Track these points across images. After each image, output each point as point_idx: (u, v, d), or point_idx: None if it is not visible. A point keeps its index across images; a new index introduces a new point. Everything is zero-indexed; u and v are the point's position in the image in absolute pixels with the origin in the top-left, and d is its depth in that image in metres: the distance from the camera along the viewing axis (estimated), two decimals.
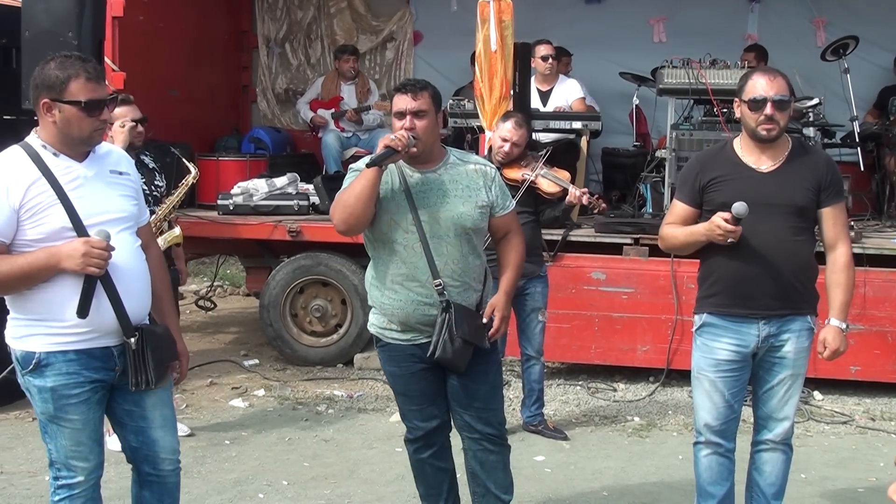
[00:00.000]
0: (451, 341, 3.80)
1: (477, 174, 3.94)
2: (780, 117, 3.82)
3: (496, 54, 6.71)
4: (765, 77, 3.85)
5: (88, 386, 3.31)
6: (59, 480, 3.40)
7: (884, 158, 8.27)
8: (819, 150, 4.05)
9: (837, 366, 6.66)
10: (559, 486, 5.20)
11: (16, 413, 6.24)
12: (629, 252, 6.96)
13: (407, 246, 3.83)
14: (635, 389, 6.96)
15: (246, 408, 6.57)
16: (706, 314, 3.99)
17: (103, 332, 3.30)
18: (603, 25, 9.44)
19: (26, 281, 3.20)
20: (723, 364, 3.94)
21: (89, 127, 3.26)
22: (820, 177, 3.91)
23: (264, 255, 7.97)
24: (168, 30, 8.50)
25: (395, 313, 3.90)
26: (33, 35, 5.97)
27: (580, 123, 7.93)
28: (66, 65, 3.25)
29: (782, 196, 3.86)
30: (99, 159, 3.38)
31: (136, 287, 3.37)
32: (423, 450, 4.13)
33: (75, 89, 3.23)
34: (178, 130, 8.23)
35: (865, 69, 8.90)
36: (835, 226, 3.96)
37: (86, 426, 3.34)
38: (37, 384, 3.31)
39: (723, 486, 4.07)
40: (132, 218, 3.43)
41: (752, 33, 9.44)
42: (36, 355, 3.28)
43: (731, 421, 4.02)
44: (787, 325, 3.92)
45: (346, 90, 9.14)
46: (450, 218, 3.83)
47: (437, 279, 3.81)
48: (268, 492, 5.09)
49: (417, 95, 3.80)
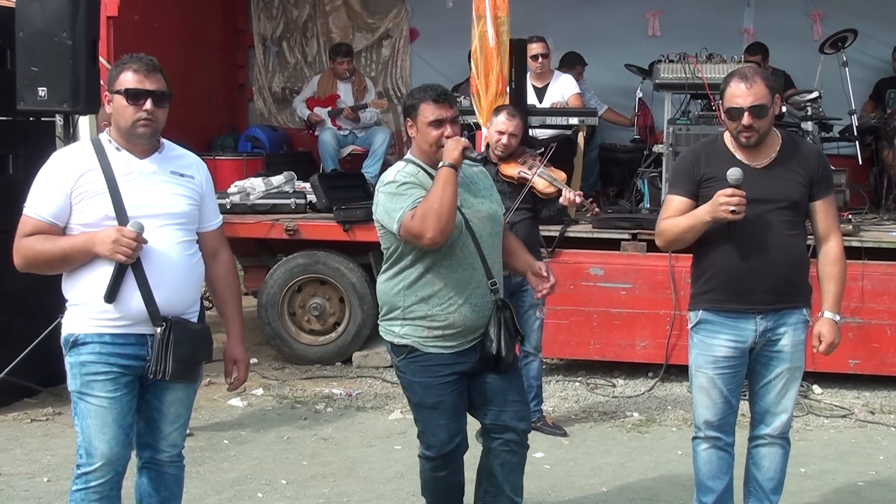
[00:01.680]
0: (511, 338, 3.85)
1: (483, 176, 4.06)
2: (760, 124, 3.78)
3: (492, 50, 6.70)
4: (743, 83, 3.79)
5: (117, 368, 3.43)
6: (80, 468, 3.48)
7: (882, 152, 8.27)
8: (809, 143, 4.04)
9: (836, 359, 6.65)
10: (558, 483, 5.20)
11: (13, 415, 6.23)
12: (627, 247, 6.95)
13: (463, 248, 3.81)
14: (634, 385, 6.96)
15: (244, 407, 6.57)
16: (702, 311, 3.97)
17: (133, 320, 3.43)
18: (599, 20, 9.43)
19: (66, 261, 3.41)
20: (721, 361, 3.94)
21: (131, 115, 3.42)
22: (812, 170, 3.91)
23: (262, 253, 7.96)
24: (163, 29, 8.48)
25: (451, 319, 3.81)
26: (27, 35, 5.94)
27: (577, 119, 7.92)
28: (123, 61, 3.51)
29: (777, 191, 3.85)
30: (164, 160, 3.56)
31: (169, 279, 3.46)
32: (441, 469, 4.02)
33: (123, 80, 3.45)
34: (175, 130, 8.10)
35: (862, 62, 8.90)
36: (826, 218, 3.96)
37: (112, 406, 3.42)
38: (70, 360, 3.47)
39: (722, 480, 4.06)
40: (184, 216, 3.54)
41: (748, 27, 9.43)
42: (74, 335, 3.45)
43: (730, 415, 4.02)
44: (784, 318, 3.91)
45: (343, 88, 9.14)
46: (488, 216, 3.90)
47: (491, 279, 3.85)
48: (267, 491, 5.09)
49: (453, 104, 3.85)
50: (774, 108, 3.86)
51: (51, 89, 5.94)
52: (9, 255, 3.47)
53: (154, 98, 3.45)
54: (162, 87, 3.50)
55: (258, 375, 7.28)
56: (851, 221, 6.87)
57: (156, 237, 3.42)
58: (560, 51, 8.92)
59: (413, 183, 3.79)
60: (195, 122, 9.15)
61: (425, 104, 3.81)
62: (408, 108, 3.88)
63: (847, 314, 6.65)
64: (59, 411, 6.21)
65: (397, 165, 3.93)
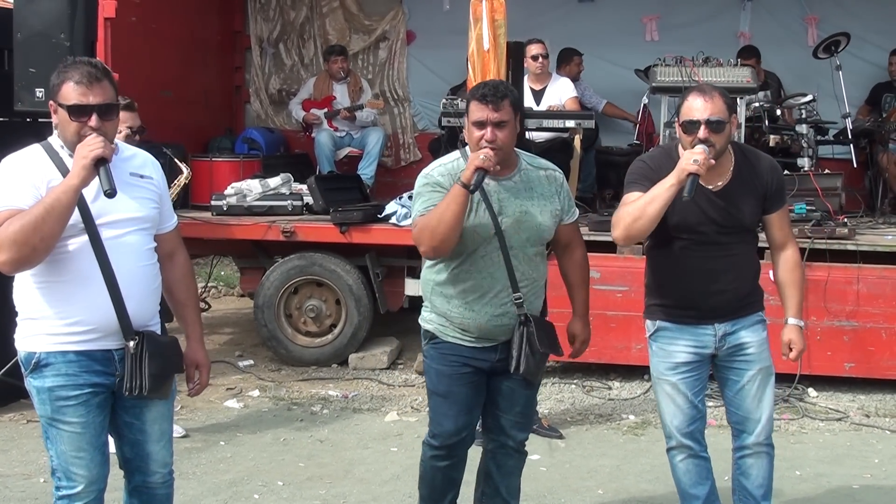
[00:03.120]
0: (532, 355, 3.76)
1: (548, 180, 3.86)
2: (717, 139, 3.70)
3: (489, 53, 6.70)
4: (701, 97, 3.73)
5: (88, 389, 3.27)
6: (60, 490, 3.35)
7: (876, 155, 8.30)
8: (762, 156, 3.97)
9: (831, 362, 6.71)
10: (554, 485, 5.20)
11: (10, 415, 6.23)
12: (623, 250, 6.96)
13: (486, 257, 3.73)
14: (630, 387, 6.97)
15: (241, 408, 6.57)
16: (659, 320, 3.97)
17: (104, 333, 3.26)
18: (596, 23, 9.45)
19: (51, 216, 3.06)
20: (682, 366, 3.93)
21: (74, 131, 3.20)
22: (766, 186, 3.88)
23: (258, 255, 7.96)
24: (160, 31, 8.49)
25: (466, 324, 3.80)
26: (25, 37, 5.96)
27: (573, 122, 7.93)
28: (66, 69, 3.26)
29: (731, 217, 3.83)
30: (120, 162, 3.32)
31: (139, 290, 3.31)
32: (442, 459, 3.98)
33: (65, 93, 3.22)
34: (172, 131, 8.21)
35: (857, 66, 8.92)
36: (781, 228, 3.97)
37: (86, 430, 3.28)
38: (36, 385, 3.28)
39: (704, 486, 4.06)
40: (148, 220, 3.38)
41: (744, 31, 9.46)
42: (36, 355, 3.26)
43: (699, 420, 4.02)
44: (741, 321, 3.92)
45: (339, 89, 9.14)
46: (529, 228, 3.75)
47: (516, 292, 3.74)
48: (263, 492, 5.09)
49: (499, 105, 3.63)
50: (731, 127, 3.78)
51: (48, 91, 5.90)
52: None
53: (100, 112, 3.20)
54: (108, 99, 3.24)
55: (254, 377, 7.28)
56: (847, 225, 6.89)
57: (123, 245, 3.26)
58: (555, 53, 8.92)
59: (436, 184, 3.73)
60: (192, 124, 9.15)
61: (473, 102, 3.69)
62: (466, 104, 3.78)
63: (842, 318, 6.70)
64: None
65: (446, 157, 3.86)
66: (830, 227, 6.79)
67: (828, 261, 6.74)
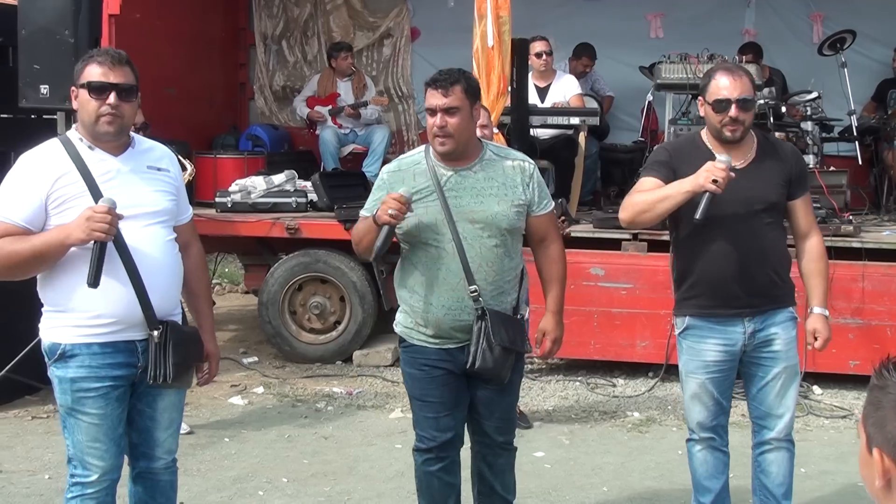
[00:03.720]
0: (490, 350, 3.63)
1: (514, 170, 3.74)
2: (745, 117, 3.75)
3: (493, 50, 6.70)
4: (728, 77, 3.76)
5: (108, 381, 3.32)
6: (74, 478, 3.41)
7: (882, 152, 8.27)
8: (784, 143, 4.01)
9: (837, 360, 6.69)
10: (559, 482, 5.20)
11: (15, 412, 6.24)
12: (628, 247, 6.95)
13: (440, 248, 3.65)
14: (634, 385, 6.96)
15: (245, 405, 6.57)
16: (689, 317, 3.94)
17: (128, 325, 3.32)
18: (600, 21, 9.43)
19: (38, 259, 3.20)
20: (711, 365, 3.91)
21: (94, 110, 3.26)
22: (789, 170, 3.89)
23: (263, 252, 7.97)
24: (165, 27, 8.50)
25: (426, 317, 3.72)
26: (30, 33, 5.97)
27: (578, 119, 7.92)
28: (89, 54, 3.36)
29: (756, 193, 3.82)
30: (137, 154, 3.41)
31: (162, 282, 3.37)
32: (432, 462, 3.89)
33: (87, 73, 3.29)
34: (176, 128, 8.22)
35: (863, 64, 8.90)
36: (805, 216, 3.96)
37: (103, 421, 3.34)
38: (58, 374, 3.33)
39: (719, 480, 4.05)
40: (166, 213, 3.43)
41: (749, 28, 9.44)
42: (61, 346, 3.31)
43: (722, 416, 4.01)
44: (771, 318, 3.89)
45: (343, 86, 9.13)
46: (484, 218, 3.64)
47: (472, 285, 3.61)
48: (267, 489, 5.09)
49: (448, 91, 3.57)
50: (755, 108, 3.85)
51: (52, 87, 5.97)
52: None
53: (118, 91, 3.26)
54: (128, 81, 3.31)
55: (259, 374, 7.29)
56: (852, 222, 6.88)
57: (144, 237, 3.31)
58: (560, 52, 8.91)
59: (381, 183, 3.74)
60: (196, 121, 9.16)
61: (427, 90, 3.65)
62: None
63: (847, 315, 6.68)
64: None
65: (412, 150, 3.86)
66: (836, 225, 6.78)
67: (833, 258, 6.70)
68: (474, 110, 3.68)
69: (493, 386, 3.81)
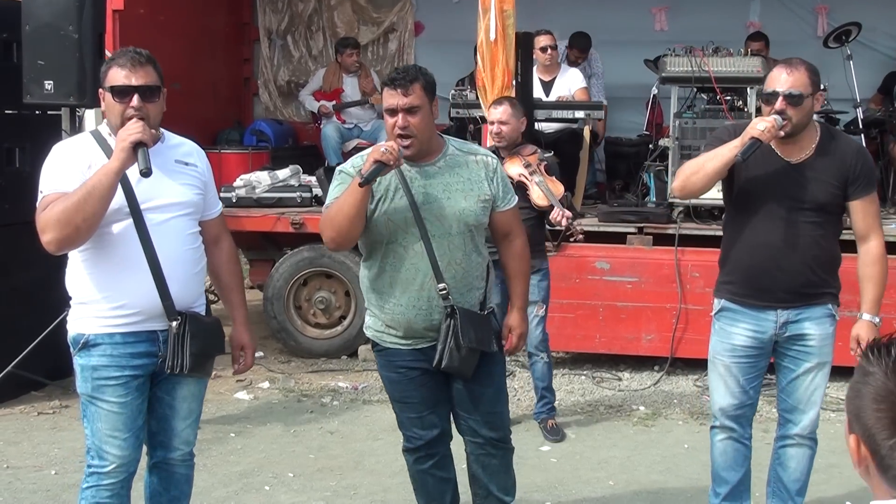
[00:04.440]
0: (457, 349, 3.59)
1: (478, 165, 3.69)
2: (793, 113, 3.66)
3: (497, 44, 6.68)
4: (785, 70, 3.71)
5: (129, 370, 3.39)
6: (91, 468, 3.46)
7: (888, 145, 8.25)
8: (850, 139, 3.91)
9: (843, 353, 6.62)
10: (565, 476, 5.19)
11: (21, 408, 6.24)
12: (633, 241, 6.95)
13: (407, 247, 3.58)
14: (640, 378, 6.95)
15: (251, 400, 6.57)
16: (724, 300, 3.94)
17: (149, 315, 3.38)
18: (605, 14, 9.41)
19: (95, 195, 3.18)
20: (739, 350, 3.90)
21: (119, 113, 3.33)
22: (848, 170, 3.79)
23: (267, 247, 7.97)
24: (169, 23, 8.48)
25: (396, 319, 3.67)
26: (34, 29, 5.94)
27: (583, 113, 7.91)
28: (113, 57, 3.44)
29: (806, 192, 3.76)
30: (165, 149, 3.48)
31: (182, 273, 3.43)
32: (423, 460, 3.90)
33: (111, 76, 3.36)
34: (180, 123, 8.08)
35: (868, 56, 8.88)
36: (865, 218, 3.86)
37: (123, 410, 3.39)
38: (81, 363, 3.42)
39: (737, 472, 4.03)
40: (191, 206, 3.49)
41: (753, 21, 9.42)
42: (85, 336, 3.40)
43: (747, 407, 3.98)
44: (806, 311, 3.87)
45: (349, 81, 9.12)
46: (452, 214, 3.59)
47: (440, 283, 3.57)
48: (273, 484, 5.09)
49: (408, 90, 3.47)
50: (815, 102, 3.74)
51: (57, 83, 5.94)
52: (15, 249, 3.46)
53: (141, 93, 3.33)
54: (152, 81, 3.37)
55: (264, 369, 7.29)
56: None
57: (166, 229, 3.38)
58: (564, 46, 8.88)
59: (341, 173, 3.63)
60: (200, 116, 9.14)
61: (385, 90, 3.54)
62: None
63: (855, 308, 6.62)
64: (66, 404, 6.22)
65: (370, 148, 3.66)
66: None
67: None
68: (433, 107, 3.60)
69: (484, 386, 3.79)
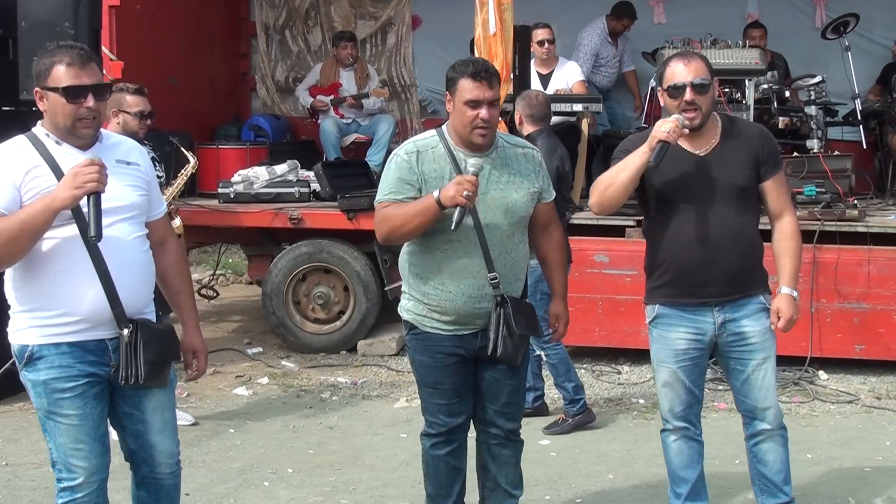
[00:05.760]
0: (510, 337, 3.68)
1: (526, 158, 3.81)
2: (702, 101, 3.73)
3: (495, 37, 6.67)
4: (682, 62, 3.76)
5: (83, 379, 3.24)
6: (62, 483, 3.32)
7: (886, 136, 8.24)
8: (750, 123, 3.98)
9: (842, 345, 6.69)
10: (565, 470, 5.19)
11: (20, 405, 6.24)
12: (632, 234, 6.94)
13: (462, 235, 3.65)
14: (640, 372, 6.95)
15: (250, 396, 6.57)
16: (658, 305, 3.94)
17: (96, 322, 3.23)
18: (603, 6, 9.37)
19: (26, 231, 3.07)
20: (681, 354, 3.90)
21: (71, 114, 3.19)
22: (756, 151, 3.85)
23: (266, 242, 7.96)
24: (166, 18, 8.47)
25: (443, 306, 3.73)
26: (30, 25, 5.95)
27: (581, 106, 7.89)
28: (52, 53, 3.23)
29: (722, 178, 3.80)
30: (105, 149, 3.31)
31: (131, 279, 3.28)
32: (441, 446, 3.92)
33: (57, 76, 3.19)
34: (178, 119, 8.21)
35: (866, 47, 8.86)
36: (778, 197, 3.91)
37: (83, 422, 3.25)
38: (31, 378, 3.26)
39: (695, 470, 4.04)
40: (136, 208, 3.34)
41: (752, 13, 9.38)
42: (29, 348, 3.23)
43: (695, 405, 4.00)
44: (742, 308, 3.87)
45: (345, 76, 9.10)
46: (504, 206, 3.69)
47: (492, 272, 3.66)
48: (273, 479, 5.09)
49: (493, 84, 3.62)
50: (714, 89, 3.81)
51: None
52: None
53: (94, 92, 3.20)
54: (100, 79, 3.26)
55: (263, 365, 7.29)
56: (857, 207, 6.85)
57: (112, 234, 3.20)
58: (564, 39, 8.86)
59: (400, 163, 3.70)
60: (198, 112, 9.14)
61: (464, 80, 3.62)
62: (448, 80, 3.70)
63: (853, 300, 6.67)
64: None
65: (422, 133, 3.84)
66: (840, 209, 6.76)
67: (838, 243, 6.71)
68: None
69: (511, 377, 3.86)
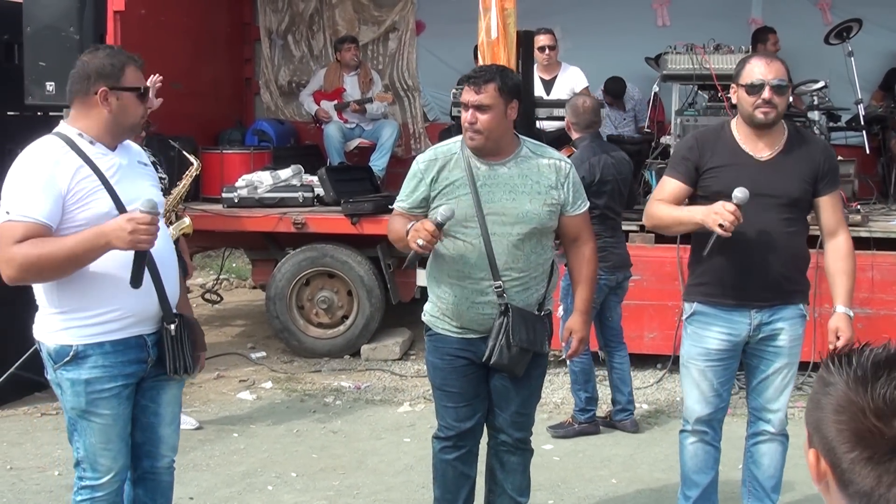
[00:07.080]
0: (507, 348, 3.67)
1: (549, 169, 3.76)
2: (778, 101, 3.76)
3: (498, 42, 6.67)
4: (762, 61, 3.79)
5: (121, 380, 3.32)
6: (84, 481, 3.38)
7: (889, 141, 8.24)
8: (816, 137, 4.00)
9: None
10: (568, 475, 5.20)
11: (24, 409, 6.25)
12: (635, 239, 6.93)
13: (467, 241, 3.68)
14: (643, 376, 6.95)
15: (254, 400, 6.58)
16: (696, 303, 3.94)
17: (140, 318, 3.32)
18: (606, 10, 9.39)
19: (73, 262, 3.12)
20: (713, 353, 3.91)
21: (141, 113, 3.38)
22: (817, 166, 3.86)
23: (270, 247, 7.97)
24: (170, 23, 8.49)
25: (450, 309, 3.79)
26: (35, 31, 5.97)
27: None
28: (115, 55, 3.36)
29: (778, 187, 3.80)
30: (126, 149, 3.43)
31: (171, 274, 3.43)
32: (450, 451, 3.93)
33: (131, 77, 3.32)
34: (182, 124, 8.22)
35: (870, 52, 8.85)
36: (833, 214, 3.92)
37: (116, 422, 3.33)
38: (70, 377, 3.28)
39: (707, 475, 4.05)
40: (162, 206, 3.45)
41: (756, 17, 9.39)
42: (73, 348, 3.26)
43: (720, 410, 4.00)
44: (779, 312, 3.88)
45: (349, 81, 9.11)
46: (515, 215, 3.67)
47: (496, 280, 3.67)
48: (277, 484, 5.10)
49: (481, 89, 3.63)
50: (789, 93, 3.85)
51: (58, 84, 5.96)
52: None
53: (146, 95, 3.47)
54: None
55: (267, 369, 7.30)
56: (860, 212, 6.85)
57: None
58: (567, 43, 8.87)
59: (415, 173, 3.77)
60: (202, 116, 9.15)
61: (464, 86, 3.71)
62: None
63: (856, 304, 6.61)
64: None
65: (447, 140, 3.88)
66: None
67: None
68: (509, 108, 3.69)
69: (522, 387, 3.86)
